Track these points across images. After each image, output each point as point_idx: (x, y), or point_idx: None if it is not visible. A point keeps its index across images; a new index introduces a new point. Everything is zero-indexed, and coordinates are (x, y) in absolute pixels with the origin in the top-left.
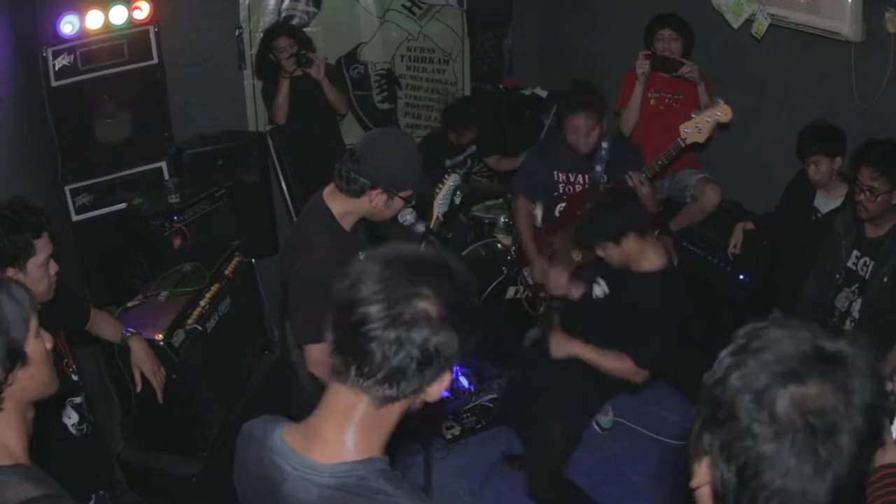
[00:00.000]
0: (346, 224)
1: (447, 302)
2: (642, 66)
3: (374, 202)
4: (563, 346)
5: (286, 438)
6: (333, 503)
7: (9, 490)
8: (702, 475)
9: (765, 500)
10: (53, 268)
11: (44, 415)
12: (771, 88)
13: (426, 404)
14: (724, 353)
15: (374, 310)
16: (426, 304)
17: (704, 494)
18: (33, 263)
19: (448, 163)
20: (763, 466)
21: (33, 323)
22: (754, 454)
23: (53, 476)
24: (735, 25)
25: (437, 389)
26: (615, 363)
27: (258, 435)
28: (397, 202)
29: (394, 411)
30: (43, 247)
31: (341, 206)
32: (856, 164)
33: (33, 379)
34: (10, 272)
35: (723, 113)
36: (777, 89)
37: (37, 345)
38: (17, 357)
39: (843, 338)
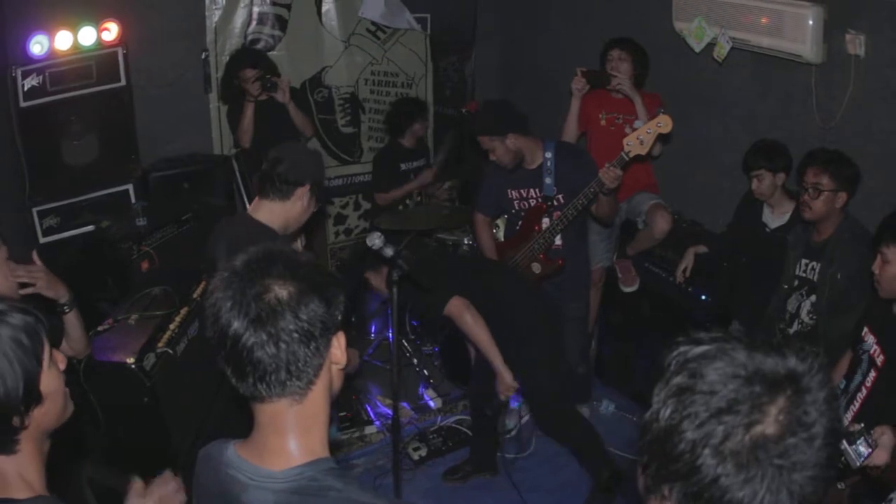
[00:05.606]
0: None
1: (294, 277)
2: (577, 82)
3: (303, 201)
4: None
5: (239, 452)
6: None
7: None
8: None
9: None
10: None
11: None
12: (734, 110)
13: (347, 378)
14: (662, 395)
15: (237, 325)
16: (275, 291)
17: None
18: (1, 258)
19: (403, 167)
20: None
21: (45, 353)
22: (727, 499)
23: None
24: (697, 49)
25: (340, 354)
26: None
27: (214, 454)
28: (313, 203)
29: (318, 400)
30: (1, 241)
31: (274, 215)
32: (802, 166)
33: (48, 414)
34: None
35: (664, 124)
36: (740, 111)
37: (50, 376)
38: (31, 401)
39: (792, 353)
